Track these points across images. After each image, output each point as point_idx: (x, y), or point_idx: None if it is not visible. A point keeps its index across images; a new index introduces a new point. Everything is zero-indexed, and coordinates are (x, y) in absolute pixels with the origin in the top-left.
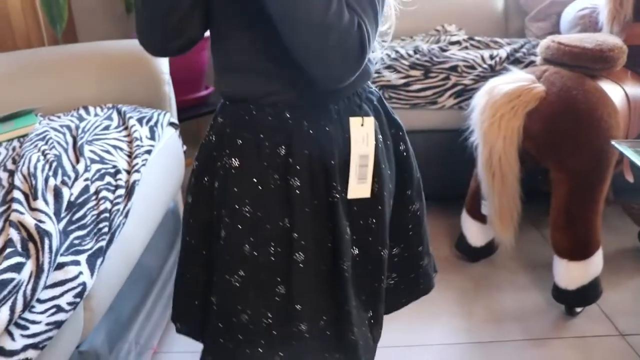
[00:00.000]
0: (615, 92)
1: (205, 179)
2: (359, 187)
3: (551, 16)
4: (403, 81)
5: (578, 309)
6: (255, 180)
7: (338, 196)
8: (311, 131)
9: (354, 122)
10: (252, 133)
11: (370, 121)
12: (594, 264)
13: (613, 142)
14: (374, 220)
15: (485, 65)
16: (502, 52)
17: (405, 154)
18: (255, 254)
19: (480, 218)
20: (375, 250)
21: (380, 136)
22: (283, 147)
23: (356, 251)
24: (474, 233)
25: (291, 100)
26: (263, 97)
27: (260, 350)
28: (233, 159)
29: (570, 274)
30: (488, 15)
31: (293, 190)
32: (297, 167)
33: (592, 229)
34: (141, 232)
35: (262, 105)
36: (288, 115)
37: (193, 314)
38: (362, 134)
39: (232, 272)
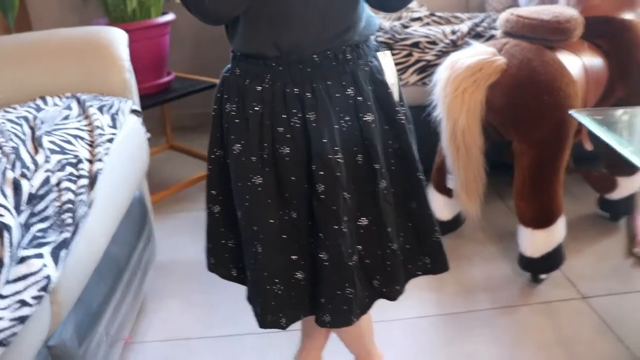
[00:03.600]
0: (573, 62)
1: (266, 152)
2: None
3: None
4: None
5: (543, 276)
6: (337, 127)
7: (404, 119)
8: (367, 68)
9: (382, 55)
10: (321, 82)
11: (389, 54)
12: (557, 231)
13: (572, 112)
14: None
15: (447, 41)
16: (464, 27)
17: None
18: (349, 196)
19: (446, 192)
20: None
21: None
22: (351, 88)
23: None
24: (441, 207)
25: (348, 42)
26: (333, 42)
27: (361, 284)
28: (310, 113)
29: (535, 242)
30: None
31: (368, 125)
32: (367, 103)
33: (554, 198)
34: (106, 222)
35: (325, 51)
36: (349, 57)
37: (286, 296)
38: (390, 65)
39: (339, 221)
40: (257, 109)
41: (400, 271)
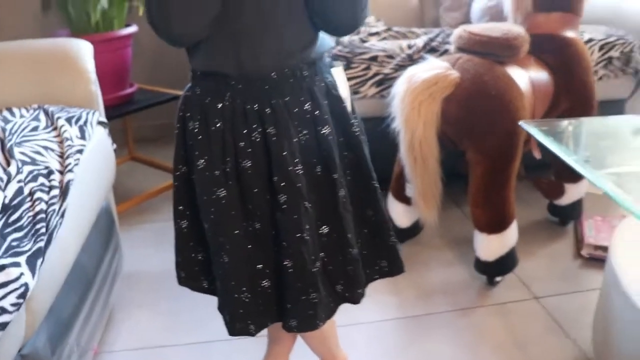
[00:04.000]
0: (521, 76)
1: (229, 166)
2: None
3: (463, 6)
4: None
5: (498, 279)
6: (296, 140)
7: (358, 131)
8: (322, 84)
9: (337, 71)
10: (279, 98)
11: (342, 69)
12: (510, 236)
13: (521, 123)
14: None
15: (403, 55)
16: (419, 42)
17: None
18: (310, 205)
19: (405, 200)
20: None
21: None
22: (308, 103)
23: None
24: (400, 215)
25: (305, 59)
26: (283, 61)
27: (325, 289)
28: (270, 128)
29: (490, 246)
30: (405, 6)
31: (324, 137)
32: (325, 116)
33: (506, 204)
34: (77, 232)
35: (283, 69)
36: (305, 74)
37: (253, 304)
38: (343, 80)
39: (302, 229)
40: (218, 125)
41: (361, 275)
